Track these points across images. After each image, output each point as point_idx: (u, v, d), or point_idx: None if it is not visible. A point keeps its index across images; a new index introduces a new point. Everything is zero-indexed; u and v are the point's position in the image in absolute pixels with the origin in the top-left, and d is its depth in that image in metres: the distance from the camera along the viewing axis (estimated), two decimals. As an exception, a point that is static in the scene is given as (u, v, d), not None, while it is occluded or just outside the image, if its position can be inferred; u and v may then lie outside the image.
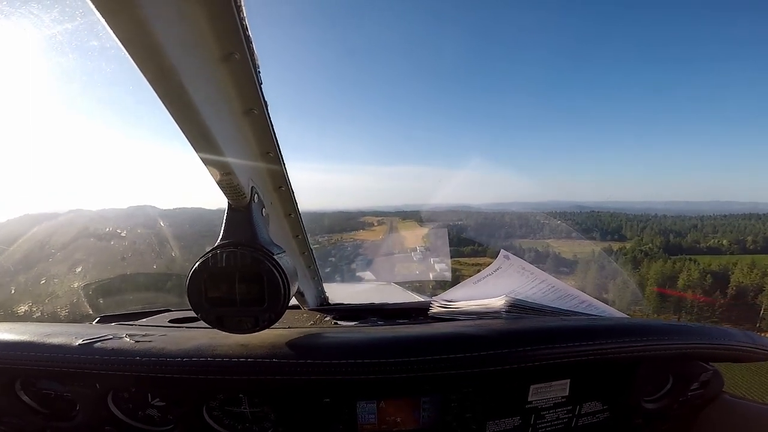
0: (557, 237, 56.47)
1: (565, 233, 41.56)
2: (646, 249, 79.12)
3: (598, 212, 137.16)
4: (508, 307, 0.99)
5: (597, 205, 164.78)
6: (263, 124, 0.68)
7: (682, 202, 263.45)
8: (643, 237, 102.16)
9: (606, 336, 0.82)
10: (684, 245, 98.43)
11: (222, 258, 0.69)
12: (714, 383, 1.04)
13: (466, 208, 18.97)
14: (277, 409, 0.80)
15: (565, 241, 56.01)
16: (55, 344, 0.76)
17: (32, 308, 1.73)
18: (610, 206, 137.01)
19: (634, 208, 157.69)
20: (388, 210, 38.88)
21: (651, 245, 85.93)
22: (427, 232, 2.16)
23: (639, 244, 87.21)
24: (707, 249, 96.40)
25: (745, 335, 0.95)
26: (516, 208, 38.71)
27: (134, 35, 0.39)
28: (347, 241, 14.11)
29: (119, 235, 2.04)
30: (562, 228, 26.80)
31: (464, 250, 66.52)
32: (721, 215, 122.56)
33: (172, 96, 0.47)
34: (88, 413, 0.83)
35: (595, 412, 0.94)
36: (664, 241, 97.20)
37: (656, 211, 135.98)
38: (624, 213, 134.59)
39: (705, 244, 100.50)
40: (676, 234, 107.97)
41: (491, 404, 0.86)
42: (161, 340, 0.78)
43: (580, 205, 46.01)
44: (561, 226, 28.58)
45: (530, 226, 37.26)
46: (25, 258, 1.84)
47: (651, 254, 74.27)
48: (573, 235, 50.08)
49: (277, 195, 0.90)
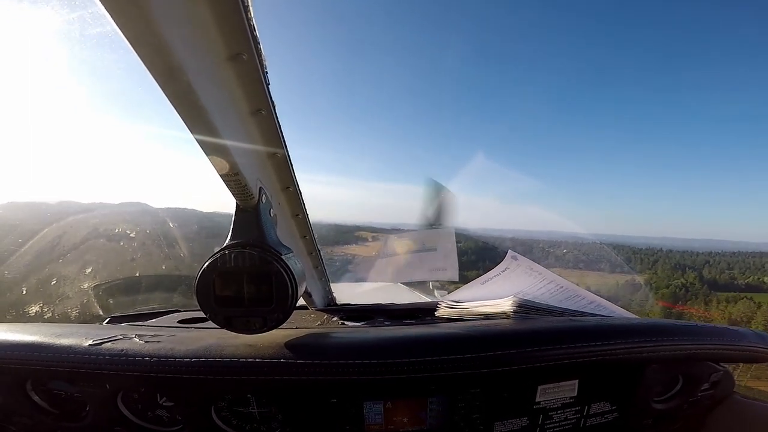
0: (564, 266, 54.22)
1: (572, 262, 40.49)
2: (681, 284, 75.71)
3: (599, 244, 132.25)
4: (516, 308, 0.98)
5: (595, 237, 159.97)
6: (271, 124, 0.68)
7: (675, 239, 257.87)
8: (657, 271, 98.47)
9: (615, 336, 0.82)
10: (720, 281, 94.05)
11: (231, 258, 0.69)
12: (725, 384, 1.03)
13: (463, 231, 18.73)
14: (284, 410, 0.81)
15: (572, 271, 54.17)
16: (65, 345, 0.76)
17: (43, 309, 1.75)
18: (603, 239, 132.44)
19: (631, 242, 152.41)
20: (384, 227, 38.97)
21: (683, 280, 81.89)
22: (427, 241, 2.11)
23: (669, 278, 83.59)
24: (746, 286, 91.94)
25: (757, 335, 0.94)
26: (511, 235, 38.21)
27: (142, 35, 0.39)
28: (337, 255, 14.00)
29: (128, 235, 2.06)
30: (568, 257, 25.86)
31: (468, 274, 63.97)
32: (729, 252, 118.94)
33: (180, 96, 0.48)
34: (98, 413, 0.83)
35: (604, 412, 0.93)
36: (696, 277, 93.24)
37: (650, 245, 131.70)
38: (628, 246, 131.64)
39: (743, 281, 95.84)
40: (692, 269, 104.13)
41: (499, 405, 0.86)
42: (170, 340, 0.78)
43: (575, 236, 45.34)
44: (567, 255, 27.57)
45: (534, 253, 36.26)
46: (36, 259, 1.86)
47: (693, 290, 71.06)
48: (580, 266, 48.65)
49: (284, 195, 0.90)
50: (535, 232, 34.10)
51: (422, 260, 2.04)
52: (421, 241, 1.83)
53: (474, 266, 9.42)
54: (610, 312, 1.06)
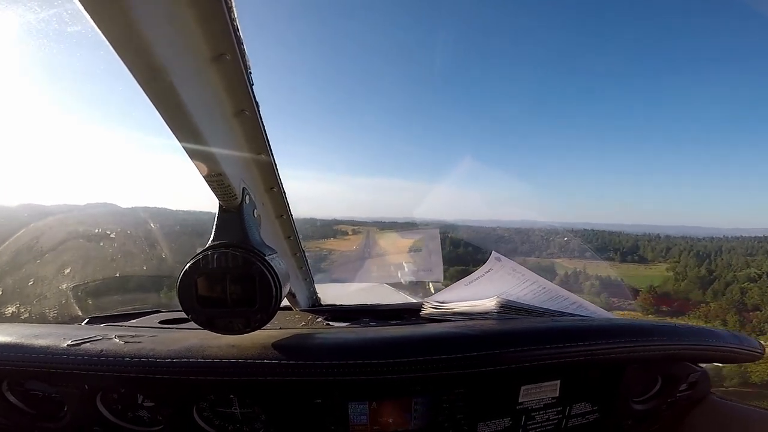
0: (569, 256, 50.03)
1: (578, 252, 38.85)
2: (721, 276, 69.91)
3: (603, 232, 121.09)
4: (500, 308, 1.00)
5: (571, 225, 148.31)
6: (255, 125, 0.68)
7: (647, 225, 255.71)
8: (680, 260, 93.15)
9: (595, 337, 0.83)
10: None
11: (213, 259, 0.69)
12: (702, 384, 1.05)
13: (457, 222, 17.63)
14: (267, 410, 0.80)
15: (579, 260, 50.45)
16: (42, 345, 0.75)
17: (19, 309, 1.71)
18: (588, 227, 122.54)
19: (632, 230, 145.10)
20: (365, 221, 37.88)
21: (728, 271, 75.51)
22: (412, 242, 2.06)
23: (689, 268, 77.52)
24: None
25: (732, 336, 0.97)
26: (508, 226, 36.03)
27: (124, 36, 0.39)
28: (311, 250, 13.49)
29: (109, 236, 2.02)
30: (573, 245, 24.42)
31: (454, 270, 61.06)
32: (734, 237, 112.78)
33: (162, 97, 0.47)
34: (77, 414, 0.82)
35: (585, 413, 0.95)
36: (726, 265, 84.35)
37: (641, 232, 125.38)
38: (632, 234, 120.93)
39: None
40: (709, 257, 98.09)
41: (482, 405, 0.86)
42: (151, 340, 0.78)
43: (565, 224, 43.19)
44: (571, 243, 25.88)
45: (533, 242, 33.64)
46: (12, 259, 1.82)
47: (736, 281, 65.32)
48: (587, 255, 46.45)
49: (268, 196, 0.90)
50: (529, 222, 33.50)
51: (407, 261, 2.03)
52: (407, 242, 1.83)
53: (464, 259, 9.27)
54: (591, 313, 1.08)
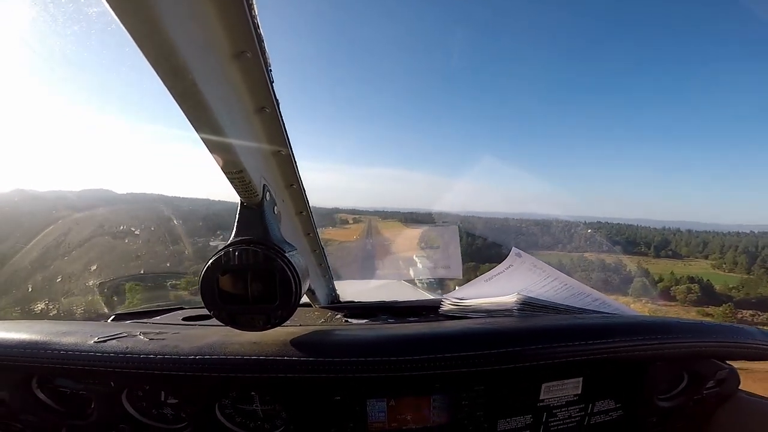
0: (596, 250, 47.15)
1: (606, 246, 37.45)
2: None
3: (630, 226, 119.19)
4: (520, 305, 0.98)
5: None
6: (275, 122, 0.68)
7: (648, 220, 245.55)
8: (724, 255, 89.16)
9: (619, 334, 0.81)
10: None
11: (235, 256, 0.69)
12: (730, 382, 1.02)
13: (473, 215, 16.95)
14: (288, 407, 0.81)
15: (607, 255, 48.09)
16: (70, 342, 0.77)
17: (48, 306, 1.76)
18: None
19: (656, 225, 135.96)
20: (366, 210, 37.28)
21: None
22: (419, 233, 1.95)
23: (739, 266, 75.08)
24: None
25: (762, 333, 0.93)
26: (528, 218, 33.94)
27: (147, 34, 0.39)
28: None
29: (133, 233, 2.07)
30: (597, 239, 23.12)
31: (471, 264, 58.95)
32: (761, 233, 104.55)
33: (185, 94, 0.48)
34: (103, 411, 0.84)
35: (608, 410, 0.93)
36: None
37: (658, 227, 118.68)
38: (657, 229, 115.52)
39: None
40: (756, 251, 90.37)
41: (502, 402, 0.86)
42: (174, 337, 0.79)
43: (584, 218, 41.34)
44: (595, 237, 24.70)
45: (553, 234, 32.05)
46: (41, 255, 1.88)
47: None
48: (615, 249, 44.68)
49: (288, 193, 0.90)
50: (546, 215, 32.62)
51: (426, 258, 2.02)
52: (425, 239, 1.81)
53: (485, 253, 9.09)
54: (614, 309, 1.06)
